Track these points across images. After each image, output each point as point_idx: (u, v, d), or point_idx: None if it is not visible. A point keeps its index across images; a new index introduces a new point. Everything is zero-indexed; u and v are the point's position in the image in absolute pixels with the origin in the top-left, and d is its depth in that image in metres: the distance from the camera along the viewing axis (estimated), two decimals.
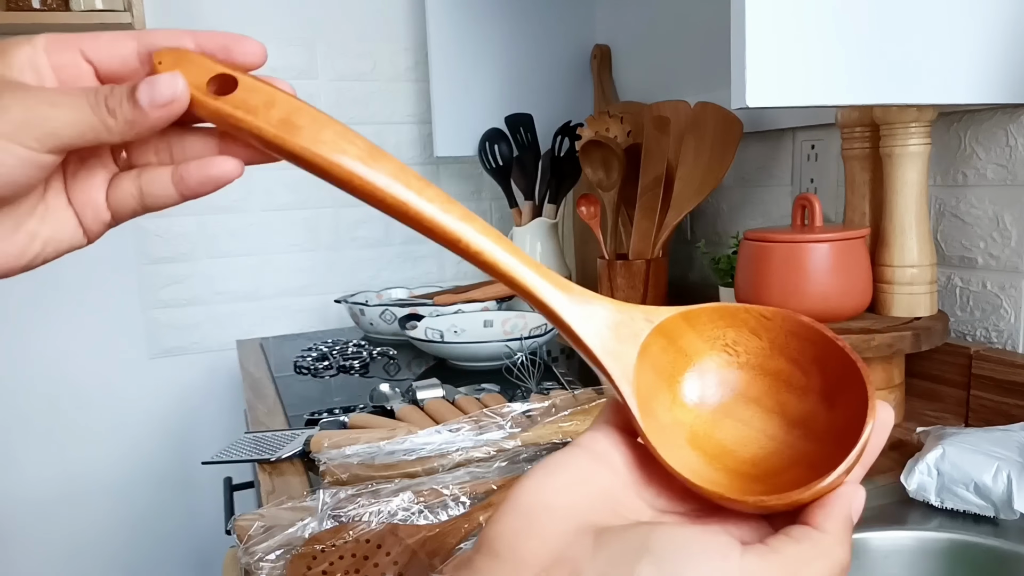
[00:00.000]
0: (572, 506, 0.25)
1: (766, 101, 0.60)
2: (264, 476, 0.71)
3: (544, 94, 1.46)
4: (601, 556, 0.23)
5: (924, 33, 0.65)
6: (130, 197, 0.29)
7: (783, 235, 0.76)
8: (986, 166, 0.79)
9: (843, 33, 0.62)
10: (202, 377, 1.44)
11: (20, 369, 1.32)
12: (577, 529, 0.24)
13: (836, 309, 0.76)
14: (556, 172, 1.35)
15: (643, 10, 1.36)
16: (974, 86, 0.68)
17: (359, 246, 1.50)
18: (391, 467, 0.66)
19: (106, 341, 1.36)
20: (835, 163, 0.97)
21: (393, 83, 1.49)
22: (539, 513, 0.24)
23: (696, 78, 1.22)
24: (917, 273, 0.77)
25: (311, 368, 1.11)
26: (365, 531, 0.54)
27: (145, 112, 0.26)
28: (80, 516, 1.39)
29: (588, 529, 0.24)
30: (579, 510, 0.25)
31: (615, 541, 0.23)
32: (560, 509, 0.25)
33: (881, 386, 0.76)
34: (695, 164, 1.05)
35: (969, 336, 0.83)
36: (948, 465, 0.58)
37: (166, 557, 1.46)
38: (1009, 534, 0.55)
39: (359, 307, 1.25)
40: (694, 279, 1.28)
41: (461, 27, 1.39)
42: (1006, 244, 0.78)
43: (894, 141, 0.76)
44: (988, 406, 0.77)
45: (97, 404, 1.38)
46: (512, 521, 0.24)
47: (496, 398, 0.85)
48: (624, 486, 0.26)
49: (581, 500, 0.25)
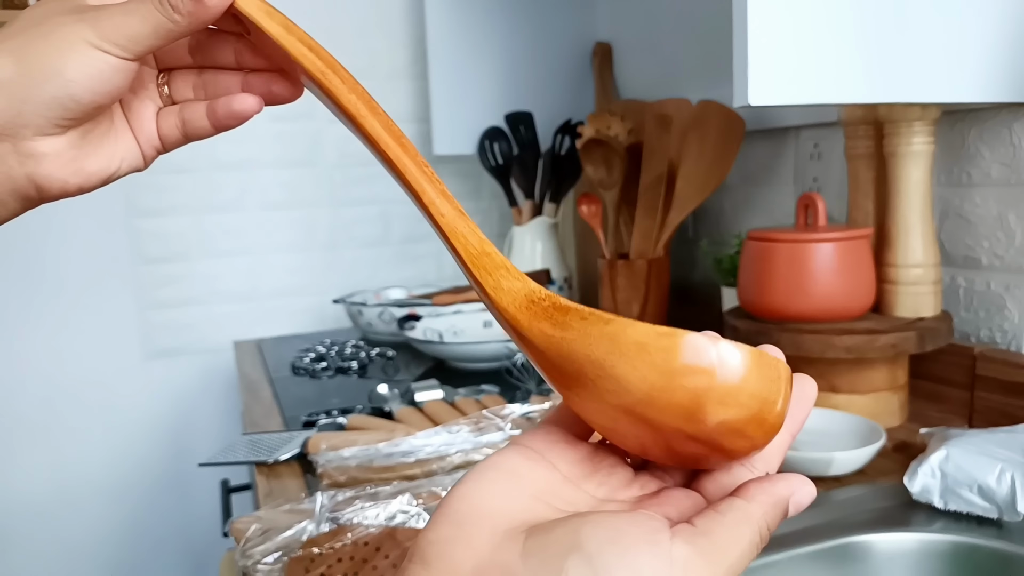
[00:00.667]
0: (503, 508, 0.25)
1: (769, 99, 0.60)
2: (261, 478, 0.71)
3: (545, 92, 1.46)
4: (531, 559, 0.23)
5: (928, 31, 0.65)
6: (174, 127, 0.35)
7: (786, 235, 0.76)
8: (990, 165, 0.79)
9: (846, 31, 0.62)
10: (198, 378, 1.43)
11: (14, 370, 1.31)
12: (508, 532, 0.24)
13: (840, 309, 0.76)
14: (557, 171, 1.34)
15: (645, 7, 1.35)
16: (979, 85, 0.68)
17: (357, 245, 1.50)
18: (389, 469, 0.66)
19: (101, 342, 1.35)
20: (839, 162, 0.96)
21: (391, 80, 1.48)
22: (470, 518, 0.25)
23: (698, 76, 1.21)
24: (921, 273, 0.77)
25: (308, 369, 1.11)
26: (363, 534, 0.53)
27: (204, 4, 0.30)
28: (75, 518, 1.38)
29: (520, 530, 0.24)
30: (511, 510, 0.25)
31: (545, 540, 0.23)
32: (491, 512, 0.25)
33: (885, 387, 0.76)
34: (697, 163, 1.04)
35: (973, 337, 0.83)
36: (952, 467, 0.58)
37: (162, 560, 1.45)
38: (1013, 536, 0.55)
39: (357, 307, 1.24)
40: (696, 279, 1.27)
41: (460, 23, 1.38)
42: (1011, 244, 0.78)
43: (898, 140, 0.75)
44: (992, 407, 0.76)
45: (92, 405, 1.37)
46: (443, 529, 0.25)
47: (495, 399, 0.84)
48: (563, 480, 0.27)
49: (513, 500, 0.25)
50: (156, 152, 0.36)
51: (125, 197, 1.33)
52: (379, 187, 1.48)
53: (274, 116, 1.41)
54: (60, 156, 0.31)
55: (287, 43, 0.31)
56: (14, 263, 1.28)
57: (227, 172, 1.39)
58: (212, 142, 1.34)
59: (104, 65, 0.30)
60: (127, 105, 0.35)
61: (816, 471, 0.64)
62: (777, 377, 0.25)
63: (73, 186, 0.32)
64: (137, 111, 0.35)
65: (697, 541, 0.23)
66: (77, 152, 0.32)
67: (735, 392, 0.24)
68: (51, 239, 1.30)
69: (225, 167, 1.39)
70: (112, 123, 0.34)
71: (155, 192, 1.35)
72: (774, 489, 0.25)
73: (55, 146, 0.31)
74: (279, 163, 1.43)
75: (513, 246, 1.35)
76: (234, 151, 1.39)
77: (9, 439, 1.33)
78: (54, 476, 1.36)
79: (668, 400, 0.24)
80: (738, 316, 0.82)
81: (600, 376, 0.25)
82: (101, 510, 1.40)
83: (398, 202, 1.51)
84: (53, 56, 0.29)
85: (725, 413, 0.24)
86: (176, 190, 1.36)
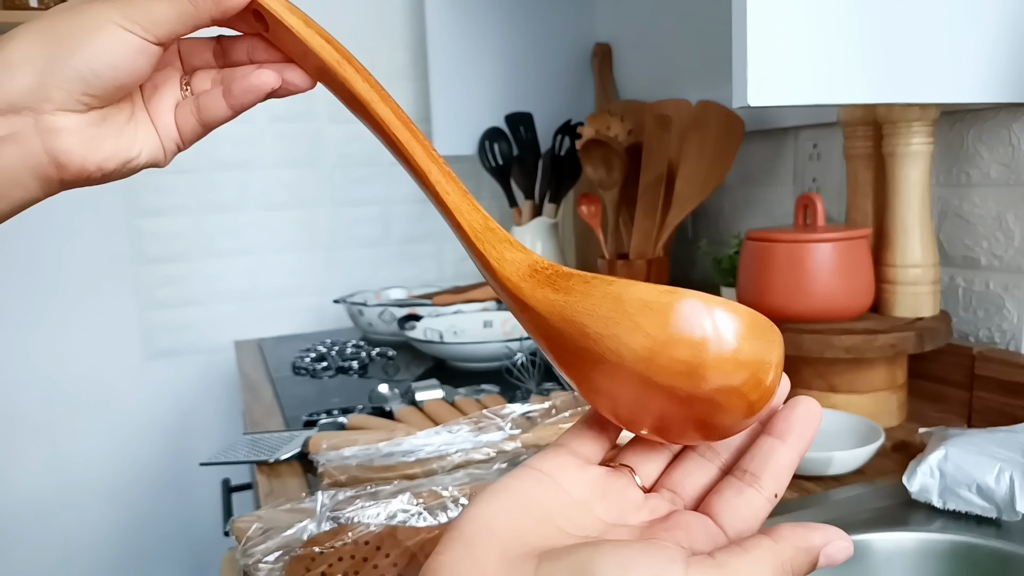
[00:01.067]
0: (514, 530, 0.25)
1: (768, 100, 0.60)
2: (262, 478, 0.71)
3: (544, 92, 1.46)
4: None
5: (927, 32, 0.65)
6: (190, 114, 0.35)
7: (786, 235, 0.76)
8: (989, 165, 0.79)
9: (845, 31, 0.62)
10: (199, 378, 1.43)
11: (15, 369, 1.31)
12: (519, 556, 0.24)
13: (839, 309, 0.76)
14: (556, 171, 1.35)
15: (644, 8, 1.35)
16: (977, 85, 0.68)
17: (357, 245, 1.50)
18: (390, 468, 0.66)
19: (102, 342, 1.36)
20: (838, 162, 0.97)
21: (391, 81, 1.48)
22: (480, 540, 0.24)
23: (698, 77, 1.21)
24: (920, 273, 0.77)
25: (309, 369, 1.11)
26: (364, 533, 0.53)
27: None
28: (76, 518, 1.39)
29: (531, 554, 0.24)
30: (522, 533, 0.25)
31: (556, 567, 0.23)
32: (501, 534, 0.25)
33: (884, 387, 0.76)
34: (697, 163, 1.04)
35: (972, 337, 0.83)
36: (951, 466, 0.58)
37: (163, 559, 1.45)
38: (1012, 535, 0.55)
39: (358, 307, 1.24)
40: (696, 279, 1.27)
41: (460, 24, 1.39)
42: (1009, 244, 0.78)
43: (897, 140, 0.76)
44: (991, 407, 0.76)
45: (93, 405, 1.37)
46: (454, 550, 0.24)
47: (496, 399, 0.84)
48: (574, 504, 0.27)
49: (524, 522, 0.25)
50: (176, 147, 0.36)
51: (126, 197, 1.33)
52: (380, 187, 1.49)
53: (274, 116, 1.42)
54: (80, 132, 0.32)
55: (306, 35, 0.33)
56: (15, 263, 1.28)
57: (228, 172, 1.40)
58: (212, 142, 1.34)
59: (127, 45, 0.31)
60: (148, 99, 0.35)
61: (815, 470, 0.64)
62: (771, 339, 0.26)
63: (92, 164, 0.32)
64: (156, 103, 0.36)
65: (713, 573, 0.22)
66: (97, 130, 0.32)
67: (732, 353, 0.25)
68: (52, 239, 1.30)
69: (226, 167, 1.39)
70: (133, 112, 0.35)
71: (156, 192, 1.35)
72: (807, 535, 0.24)
73: (75, 122, 0.31)
74: (280, 163, 1.43)
75: None
76: (235, 151, 1.39)
77: (10, 439, 1.33)
78: (55, 475, 1.36)
79: (668, 357, 0.25)
80: None
81: (602, 335, 0.25)
82: (102, 510, 1.40)
83: (399, 202, 1.51)
84: (77, 33, 0.30)
85: (723, 371, 0.25)
86: (177, 190, 1.37)
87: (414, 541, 0.53)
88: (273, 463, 0.73)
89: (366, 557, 0.52)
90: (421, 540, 0.54)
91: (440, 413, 0.79)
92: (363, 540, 0.53)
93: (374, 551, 0.53)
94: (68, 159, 0.32)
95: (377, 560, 0.52)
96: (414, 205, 1.50)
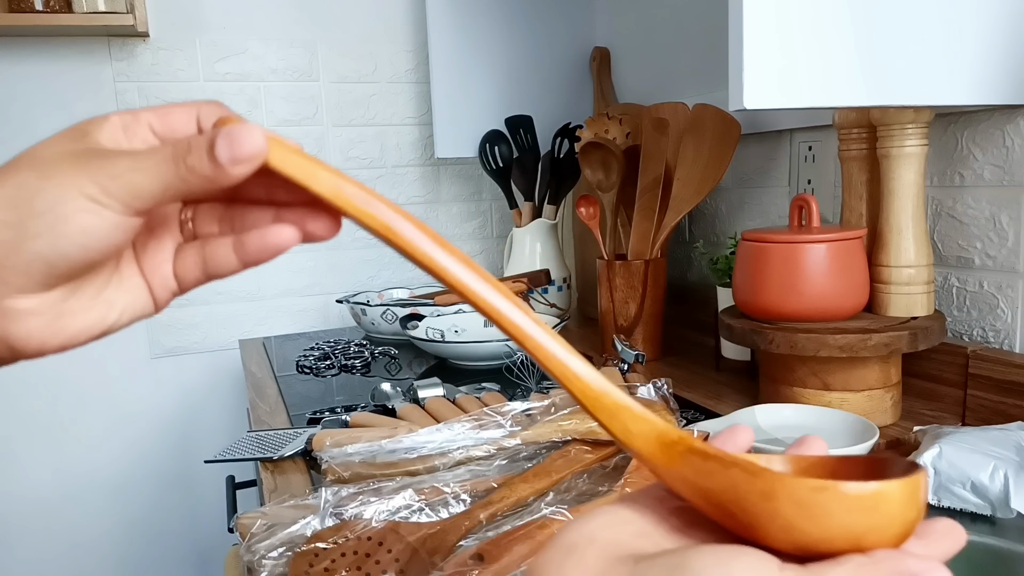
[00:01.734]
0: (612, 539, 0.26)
1: (764, 103, 0.61)
2: (266, 474, 0.72)
3: (544, 96, 1.47)
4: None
5: (921, 35, 0.65)
6: (194, 266, 0.31)
7: (780, 235, 0.77)
8: (983, 167, 0.80)
9: (840, 35, 0.62)
10: (204, 376, 1.44)
11: (22, 368, 1.32)
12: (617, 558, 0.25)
13: (833, 309, 0.76)
14: (556, 173, 1.36)
15: (642, 13, 1.36)
16: (971, 87, 0.69)
17: (360, 246, 1.51)
18: (392, 465, 0.66)
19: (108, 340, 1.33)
20: (832, 164, 0.98)
21: (394, 85, 1.49)
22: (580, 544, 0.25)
23: (695, 80, 1.22)
24: (914, 273, 0.78)
25: (313, 367, 1.12)
26: (367, 529, 0.54)
27: (225, 170, 0.26)
28: (82, 515, 1.40)
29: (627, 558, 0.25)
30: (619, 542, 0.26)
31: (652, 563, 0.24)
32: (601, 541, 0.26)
33: (878, 385, 0.76)
34: (693, 165, 1.05)
35: (966, 336, 0.84)
36: (945, 464, 0.58)
37: (168, 555, 1.46)
38: (1006, 533, 0.55)
39: (360, 307, 1.25)
40: (692, 279, 1.28)
41: (462, 29, 1.40)
42: (1003, 244, 0.79)
43: (891, 142, 0.76)
44: (985, 405, 0.77)
45: (99, 403, 1.38)
46: (555, 554, 0.25)
47: (496, 397, 0.85)
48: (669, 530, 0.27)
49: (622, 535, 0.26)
50: (171, 295, 0.32)
51: None
52: (383, 189, 1.49)
53: (278, 120, 1.43)
54: (42, 314, 0.28)
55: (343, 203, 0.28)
56: None
57: None
58: None
59: (100, 221, 0.26)
60: (141, 246, 0.31)
61: None
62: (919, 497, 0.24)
63: (53, 347, 0.28)
64: (153, 251, 0.31)
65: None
66: (62, 309, 0.28)
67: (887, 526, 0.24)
68: None
69: None
70: (116, 270, 0.30)
71: None
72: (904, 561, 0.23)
73: (37, 303, 0.27)
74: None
75: (513, 247, 1.37)
76: None
77: (16, 437, 1.34)
78: (62, 473, 1.38)
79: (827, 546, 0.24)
80: (733, 315, 0.83)
81: (751, 526, 0.24)
82: (108, 507, 1.41)
83: (402, 204, 1.51)
84: (44, 213, 0.26)
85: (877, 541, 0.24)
86: None
87: (416, 537, 0.54)
88: (277, 460, 0.74)
89: (369, 553, 0.53)
90: (423, 536, 0.54)
91: (441, 411, 0.80)
92: (366, 536, 0.54)
93: (377, 547, 0.53)
94: (24, 344, 0.28)
95: (380, 556, 0.53)
96: (417, 207, 1.52)
